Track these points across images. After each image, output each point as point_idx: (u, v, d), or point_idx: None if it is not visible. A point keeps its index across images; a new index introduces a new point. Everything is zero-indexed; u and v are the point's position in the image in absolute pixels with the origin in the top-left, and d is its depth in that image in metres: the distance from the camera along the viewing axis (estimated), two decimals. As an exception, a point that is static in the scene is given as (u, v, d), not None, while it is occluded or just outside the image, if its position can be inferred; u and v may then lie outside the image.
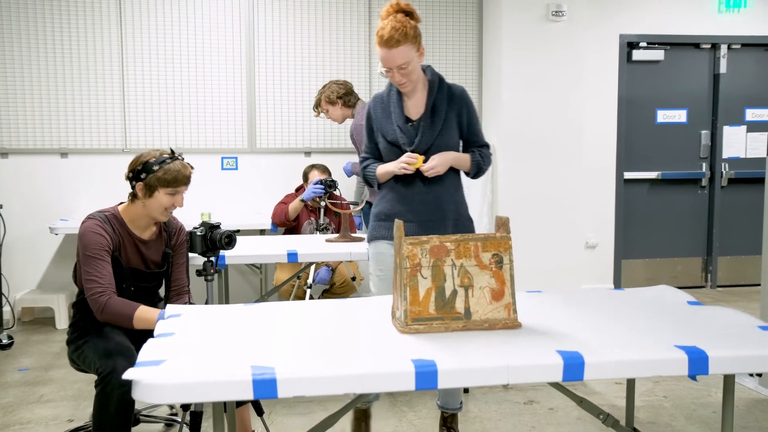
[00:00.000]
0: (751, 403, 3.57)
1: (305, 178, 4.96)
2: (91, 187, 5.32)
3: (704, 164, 6.29)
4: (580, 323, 2.14)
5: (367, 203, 4.56)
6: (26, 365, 4.21)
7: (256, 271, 5.46)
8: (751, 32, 6.12)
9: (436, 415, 3.32)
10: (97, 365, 2.49)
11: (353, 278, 4.88)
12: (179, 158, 2.69)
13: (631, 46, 6.00)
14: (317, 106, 4.53)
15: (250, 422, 2.79)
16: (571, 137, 5.24)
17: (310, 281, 4.47)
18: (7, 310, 5.02)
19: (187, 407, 2.65)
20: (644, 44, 6.00)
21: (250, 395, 1.64)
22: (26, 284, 5.32)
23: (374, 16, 5.62)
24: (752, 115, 6.29)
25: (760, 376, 3.75)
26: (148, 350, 1.84)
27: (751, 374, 3.80)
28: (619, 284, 6.13)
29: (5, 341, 4.56)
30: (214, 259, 2.66)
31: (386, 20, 2.63)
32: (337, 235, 3.97)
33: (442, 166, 2.70)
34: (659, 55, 6.04)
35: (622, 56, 5.96)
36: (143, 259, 2.73)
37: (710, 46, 6.16)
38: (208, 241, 2.63)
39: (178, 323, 2.15)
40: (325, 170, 4.92)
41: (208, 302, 2.68)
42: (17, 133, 5.25)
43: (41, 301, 5.14)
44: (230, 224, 4.57)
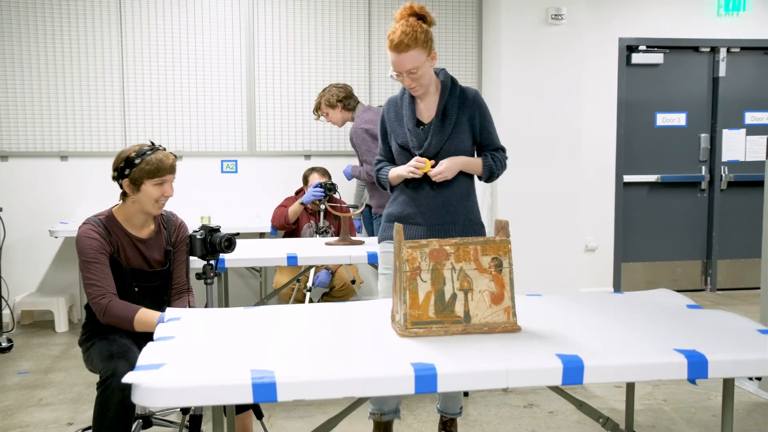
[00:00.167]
0: (751, 406, 3.57)
1: (305, 181, 4.96)
2: (90, 190, 5.32)
3: (704, 167, 6.29)
4: (579, 327, 2.14)
5: (366, 206, 4.57)
6: (26, 368, 4.21)
7: (255, 274, 5.46)
8: (750, 36, 6.12)
9: (435, 418, 3.32)
10: (99, 367, 2.50)
11: (353, 281, 4.89)
12: (160, 148, 2.68)
13: (630, 49, 6.00)
14: (317, 109, 4.54)
15: (252, 428, 2.79)
16: (570, 140, 5.25)
17: (309, 284, 4.47)
18: (6, 313, 5.02)
19: (186, 411, 2.65)
20: (643, 48, 6.01)
21: (249, 399, 1.64)
22: (26, 287, 5.32)
23: (374, 19, 5.63)
24: (751, 118, 6.30)
25: (759, 379, 3.75)
26: (147, 354, 1.84)
27: (750, 378, 3.80)
28: (618, 287, 6.13)
29: (5, 344, 4.55)
30: (213, 262, 2.66)
31: (398, 24, 2.60)
32: (336, 238, 3.97)
33: (449, 170, 2.67)
34: (658, 58, 6.05)
35: (621, 60, 5.97)
36: (144, 258, 2.73)
37: (709, 49, 6.17)
38: (207, 244, 2.63)
39: (177, 327, 2.15)
40: (325, 173, 4.93)
41: (207, 306, 2.68)
42: (17, 135, 5.26)
43: (41, 304, 5.14)
44: (230, 227, 4.59)
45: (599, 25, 5.87)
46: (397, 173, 2.75)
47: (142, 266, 2.72)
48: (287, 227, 4.77)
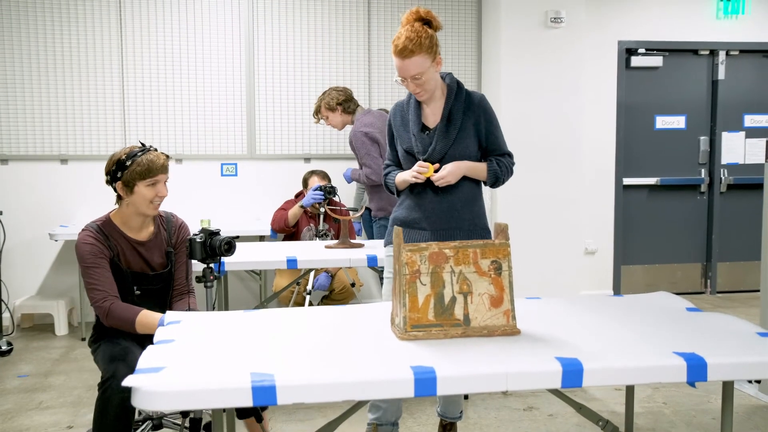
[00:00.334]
0: (751, 409, 3.57)
1: (305, 184, 4.96)
2: (90, 193, 5.33)
3: (703, 170, 6.30)
4: (579, 330, 2.15)
5: (366, 209, 4.57)
6: (25, 372, 4.21)
7: (255, 277, 5.46)
8: (749, 38, 6.13)
9: (435, 422, 3.32)
10: (102, 368, 2.51)
11: (352, 284, 4.89)
12: (151, 149, 2.68)
13: (629, 52, 6.01)
14: (317, 112, 4.54)
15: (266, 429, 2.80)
16: (570, 143, 5.25)
17: (309, 287, 4.47)
18: (6, 316, 5.02)
19: (186, 414, 2.65)
20: (643, 50, 6.02)
21: (249, 402, 1.64)
22: (26, 290, 5.32)
23: (374, 22, 5.63)
24: (751, 121, 6.31)
25: (759, 382, 3.75)
26: (147, 357, 1.84)
27: (750, 381, 3.80)
28: (618, 290, 6.13)
29: (5, 348, 4.55)
30: (213, 265, 2.66)
31: (403, 29, 2.59)
32: (336, 241, 3.97)
33: (452, 175, 2.65)
34: (658, 61, 6.06)
35: (620, 62, 5.98)
36: (145, 261, 2.73)
37: (709, 52, 6.17)
38: (207, 247, 2.63)
39: (177, 330, 2.15)
40: (324, 176, 4.93)
41: (214, 308, 2.68)
42: (17, 139, 5.26)
43: (41, 307, 5.14)
44: (230, 230, 4.59)
45: (598, 27, 5.88)
46: (402, 178, 2.74)
47: (143, 269, 2.72)
48: (287, 230, 4.77)
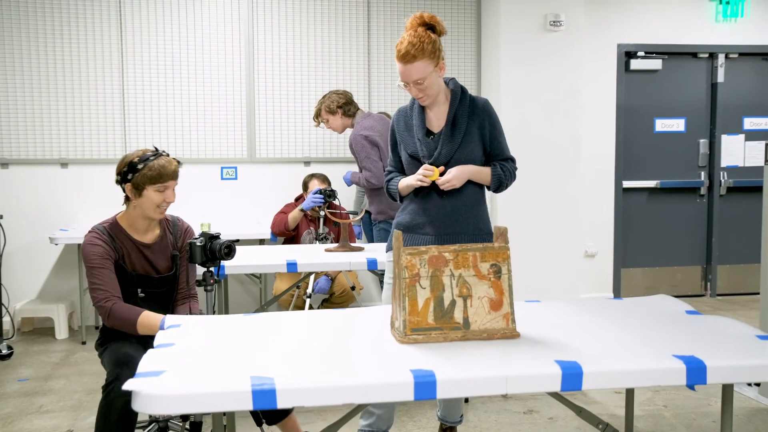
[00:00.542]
0: (751, 412, 3.57)
1: (305, 187, 4.97)
2: (91, 197, 5.33)
3: (703, 173, 6.30)
4: (578, 333, 2.15)
5: (366, 212, 4.57)
6: (26, 376, 4.21)
7: (255, 280, 5.46)
8: (748, 41, 6.14)
9: (435, 425, 3.32)
10: (107, 371, 2.52)
11: (352, 288, 4.89)
12: (163, 154, 2.70)
13: (629, 55, 6.02)
14: (317, 116, 4.54)
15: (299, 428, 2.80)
16: (569, 146, 5.26)
17: (309, 291, 4.48)
18: (6, 320, 5.02)
19: (186, 418, 2.65)
20: (642, 53, 6.03)
21: (249, 406, 1.64)
22: (26, 294, 5.32)
23: (373, 26, 5.64)
24: (750, 123, 6.31)
25: (758, 385, 3.75)
26: (147, 361, 1.85)
27: (749, 383, 3.80)
28: (618, 293, 6.13)
29: (5, 351, 4.55)
30: (214, 269, 2.67)
31: (406, 34, 2.60)
32: (336, 244, 3.97)
33: (458, 179, 2.65)
34: (657, 64, 6.07)
35: (620, 65, 5.99)
36: (150, 264, 2.74)
37: (708, 55, 6.18)
38: (207, 251, 2.63)
39: (177, 333, 2.15)
40: (324, 180, 4.94)
41: (207, 312, 2.68)
42: (17, 143, 5.27)
43: (41, 311, 5.14)
44: (230, 234, 4.59)
45: (598, 31, 5.89)
46: (406, 183, 2.74)
47: (148, 272, 2.73)
48: (287, 234, 4.77)
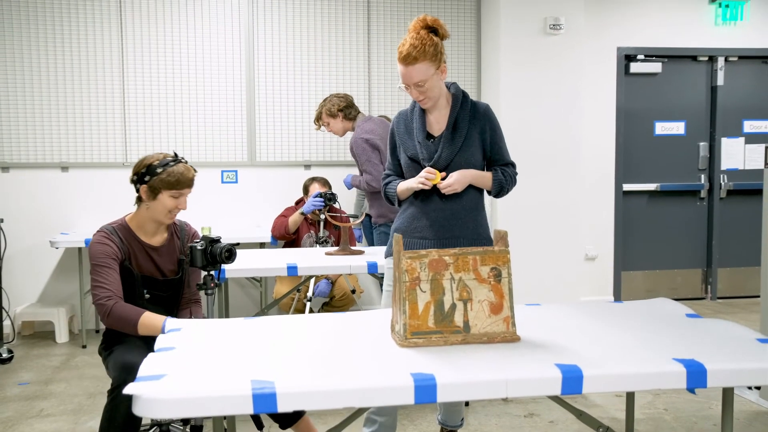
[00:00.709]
0: (752, 415, 3.56)
1: (305, 191, 4.97)
2: (91, 200, 5.34)
3: (703, 176, 6.30)
4: (578, 336, 2.15)
5: (366, 216, 4.58)
6: (26, 379, 4.21)
7: (255, 284, 5.46)
8: (748, 45, 6.15)
9: (436, 429, 3.32)
10: (113, 376, 2.52)
11: (353, 291, 4.89)
12: (182, 161, 2.72)
13: (628, 58, 6.03)
14: (318, 119, 4.55)
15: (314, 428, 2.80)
16: (569, 149, 5.26)
17: (309, 294, 4.48)
18: (7, 324, 5.02)
19: (187, 421, 2.65)
20: (642, 57, 6.03)
21: (250, 409, 1.64)
22: (26, 298, 5.32)
23: (373, 29, 5.65)
24: (750, 126, 6.32)
25: (759, 389, 3.74)
26: (148, 365, 1.85)
27: (750, 387, 3.79)
28: (618, 296, 6.13)
29: (5, 355, 4.55)
30: (214, 273, 2.67)
31: (408, 36, 2.60)
32: (336, 248, 3.98)
33: (459, 183, 2.65)
34: (657, 67, 6.08)
35: (619, 69, 5.99)
36: (156, 266, 2.74)
37: (707, 58, 6.19)
38: (208, 255, 2.64)
39: (178, 337, 2.16)
40: (325, 183, 4.94)
41: (208, 316, 2.69)
42: (18, 146, 5.28)
43: (41, 315, 5.14)
44: (230, 237, 4.61)
45: (597, 34, 5.90)
46: (406, 186, 2.73)
47: (153, 274, 2.74)
48: (287, 237, 4.78)
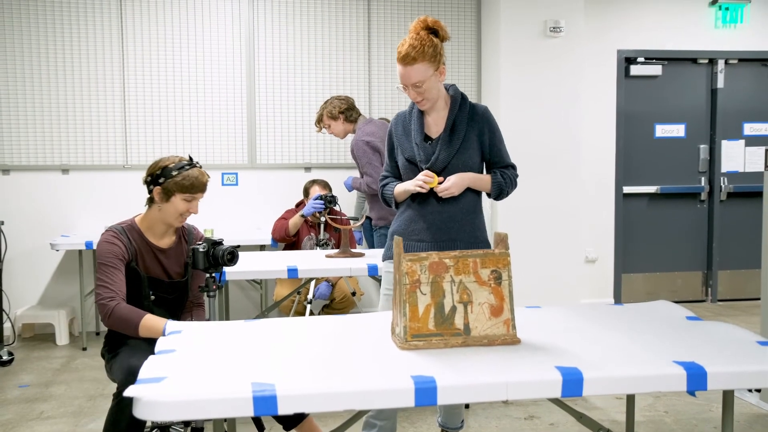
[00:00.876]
0: (752, 418, 3.56)
1: (305, 193, 4.98)
2: (92, 203, 5.34)
3: (703, 178, 6.31)
4: (579, 339, 2.15)
5: (367, 218, 4.58)
6: (26, 382, 4.21)
7: (256, 286, 5.47)
8: (748, 47, 6.16)
9: (436, 431, 3.32)
10: (118, 378, 2.52)
11: (353, 293, 4.89)
12: (197, 165, 2.74)
13: (628, 61, 6.03)
14: (319, 121, 4.55)
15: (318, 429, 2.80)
16: (569, 152, 5.26)
17: (310, 297, 4.48)
18: (7, 326, 5.02)
19: (188, 423, 2.65)
20: (642, 59, 6.04)
21: (250, 412, 1.65)
22: (27, 300, 5.33)
23: (374, 31, 5.66)
24: (750, 129, 6.32)
25: (759, 391, 3.74)
26: (149, 367, 1.85)
27: (750, 389, 3.79)
28: (619, 298, 6.13)
29: (5, 357, 4.55)
30: (216, 275, 2.68)
31: (408, 36, 2.60)
32: (337, 250, 3.98)
33: (456, 186, 2.63)
34: (657, 70, 6.08)
35: (620, 71, 6.00)
36: (163, 268, 2.75)
37: (708, 61, 6.20)
38: (210, 257, 2.64)
39: (178, 340, 2.16)
40: (325, 185, 4.94)
41: (210, 318, 2.69)
42: (18, 149, 5.28)
43: (42, 317, 5.14)
44: (230, 239, 4.60)
45: (597, 36, 5.91)
46: (403, 188, 2.72)
47: (159, 276, 2.74)
48: (288, 239, 4.78)
